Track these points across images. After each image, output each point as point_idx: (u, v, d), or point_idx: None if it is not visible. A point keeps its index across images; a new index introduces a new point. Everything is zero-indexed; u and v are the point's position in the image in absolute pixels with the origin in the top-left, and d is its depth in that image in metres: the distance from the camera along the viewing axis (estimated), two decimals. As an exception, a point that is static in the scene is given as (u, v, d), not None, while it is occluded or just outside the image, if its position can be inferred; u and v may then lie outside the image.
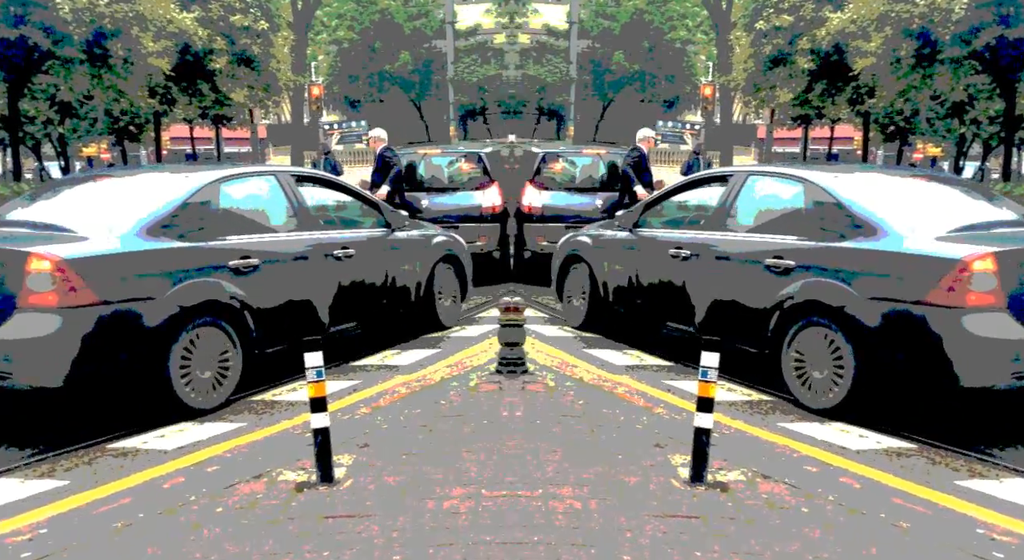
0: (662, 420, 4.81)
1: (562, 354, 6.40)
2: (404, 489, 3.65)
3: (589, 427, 4.62)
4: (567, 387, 5.43)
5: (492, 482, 3.75)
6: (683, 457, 4.04)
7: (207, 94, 20.39)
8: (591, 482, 3.80)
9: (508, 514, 3.41)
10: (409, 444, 4.26)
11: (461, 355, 6.31)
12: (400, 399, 5.13)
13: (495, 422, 4.63)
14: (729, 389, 5.49)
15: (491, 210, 9.87)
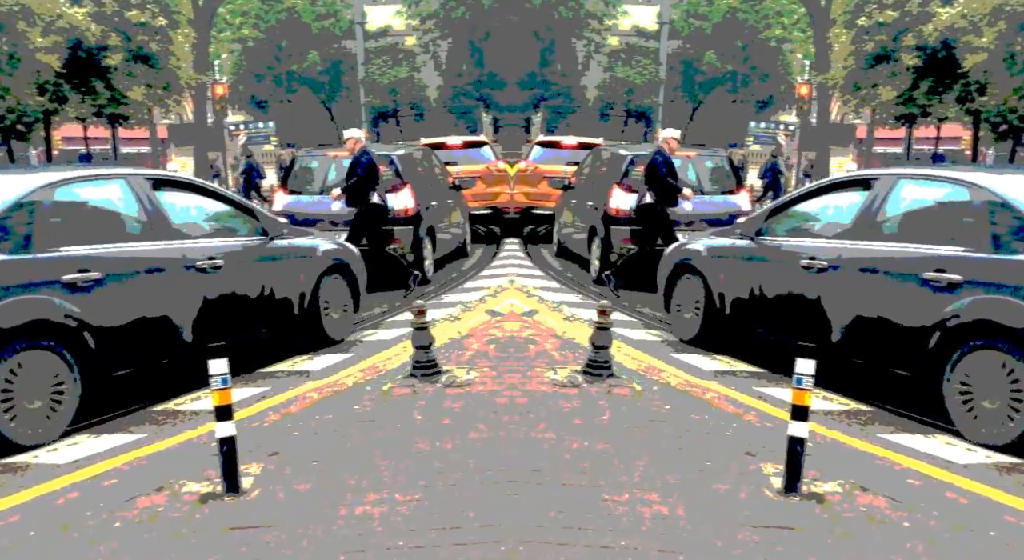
0: (753, 427, 4.69)
1: (648, 358, 6.32)
2: (315, 497, 3.59)
3: (677, 432, 4.54)
4: (654, 392, 5.35)
5: (406, 486, 3.68)
6: (775, 466, 3.92)
7: (101, 92, 19.28)
8: (679, 488, 3.74)
9: (421, 517, 3.39)
10: (321, 451, 4.16)
11: (374, 359, 6.14)
12: (311, 405, 5.00)
13: (409, 426, 4.54)
14: (825, 398, 5.30)
15: (403, 213, 9.52)
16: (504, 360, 5.96)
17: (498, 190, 14.02)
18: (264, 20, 27.53)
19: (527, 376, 5.54)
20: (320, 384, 5.50)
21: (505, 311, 7.75)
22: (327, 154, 10.39)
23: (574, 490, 3.69)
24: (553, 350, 6.31)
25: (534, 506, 3.50)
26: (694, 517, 3.43)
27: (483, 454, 4.11)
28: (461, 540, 3.17)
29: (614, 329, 6.51)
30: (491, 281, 9.75)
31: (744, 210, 9.82)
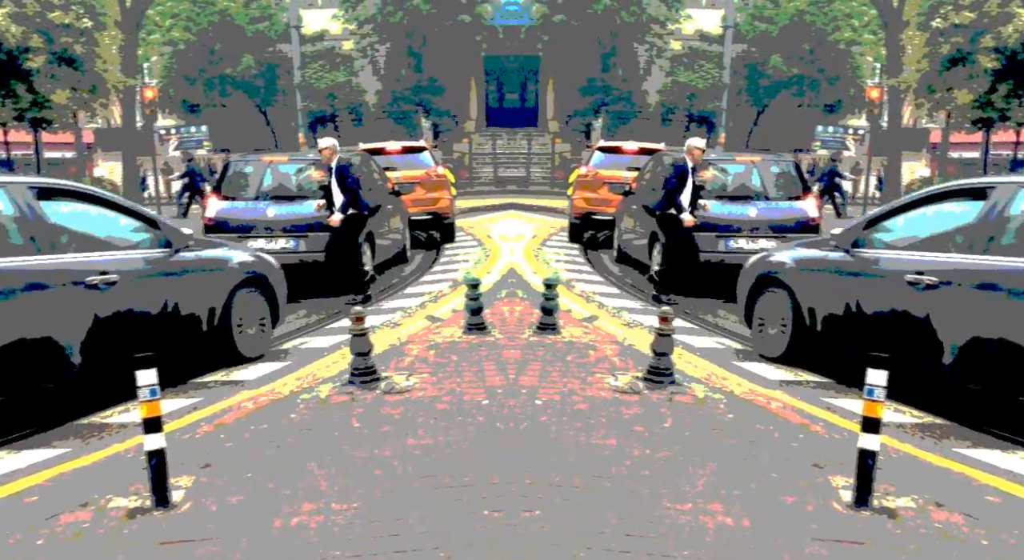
0: (821, 439, 4.56)
1: (711, 366, 6.22)
2: (249, 508, 3.53)
3: (740, 442, 4.45)
4: (717, 400, 5.26)
5: (342, 495, 3.62)
6: (845, 479, 3.81)
7: (22, 96, 18.65)
8: (743, 499, 3.66)
9: (359, 526, 3.33)
10: (255, 461, 4.08)
11: (311, 368, 6.05)
12: (246, 415, 4.89)
13: (347, 434, 4.47)
14: (897, 410, 5.13)
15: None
16: (443, 366, 5.86)
17: (437, 195, 13.79)
18: (195, 23, 26.68)
19: (587, 382, 5.51)
20: (255, 393, 5.39)
21: (446, 317, 7.66)
22: (262, 159, 10.18)
23: (635, 498, 3.66)
24: (613, 356, 6.26)
25: (596, 510, 3.48)
26: (760, 529, 3.35)
27: (422, 460, 4.05)
28: (400, 548, 3.13)
29: (676, 336, 6.45)
30: (432, 287, 9.69)
31: (811, 216, 9.58)
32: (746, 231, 9.25)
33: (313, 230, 9.22)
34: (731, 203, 9.52)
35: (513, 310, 7.79)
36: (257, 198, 9.52)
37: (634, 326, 7.49)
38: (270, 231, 9.17)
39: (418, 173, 13.70)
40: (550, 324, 6.88)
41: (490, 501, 3.56)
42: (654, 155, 12.36)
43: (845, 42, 27.40)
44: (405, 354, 6.25)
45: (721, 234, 9.30)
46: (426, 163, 14.07)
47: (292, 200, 9.47)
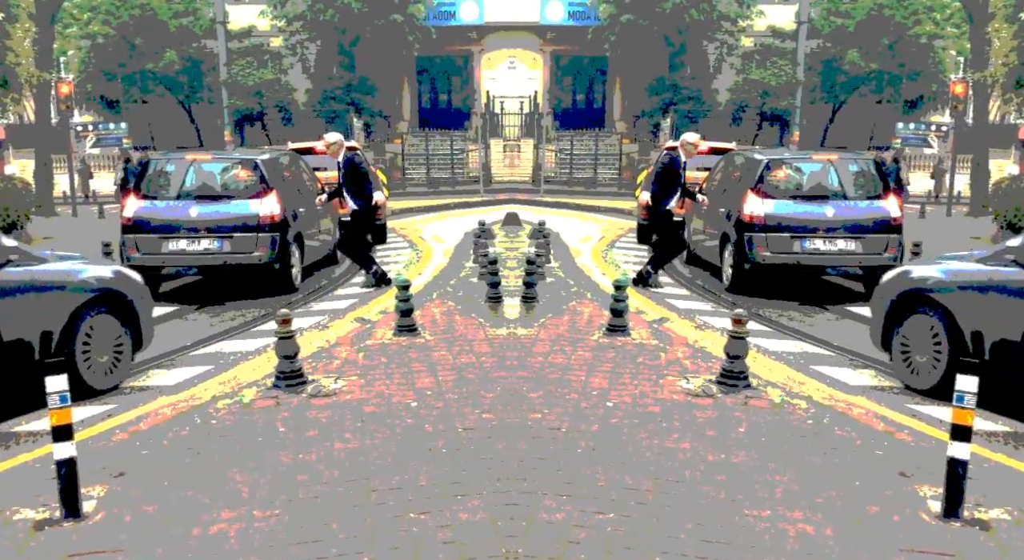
0: (906, 447, 4.39)
1: (788, 370, 6.06)
2: (165, 517, 3.43)
3: (821, 449, 4.32)
4: (794, 405, 5.12)
5: (265, 502, 3.54)
6: (932, 489, 3.66)
7: None
8: (825, 507, 3.55)
9: (281, 533, 3.25)
10: (173, 469, 3.98)
11: (235, 371, 5.90)
12: (164, 421, 4.76)
13: (271, 439, 4.37)
14: (986, 418, 4.90)
15: (269, 219, 9.08)
16: (373, 368, 5.75)
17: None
18: (115, 16, 25.48)
19: (659, 384, 5.43)
20: (173, 399, 5.24)
21: (376, 318, 7.49)
22: (185, 157, 9.79)
23: (711, 503, 3.58)
24: (685, 358, 6.17)
25: (670, 514, 3.43)
26: (843, 539, 3.25)
27: (349, 464, 3.97)
28: (323, 554, 3.08)
29: (751, 339, 6.31)
30: (362, 288, 9.45)
31: (893, 216, 9.22)
32: (822, 231, 8.96)
33: (239, 231, 9.00)
34: (806, 203, 9.23)
35: (582, 311, 7.75)
36: (179, 197, 9.21)
37: (705, 328, 7.36)
38: (194, 232, 8.93)
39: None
40: (620, 326, 6.82)
41: (417, 504, 3.51)
42: (725, 155, 12.11)
43: (927, 36, 26.34)
44: (333, 357, 6.12)
45: (796, 235, 9.01)
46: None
47: (217, 200, 9.19)
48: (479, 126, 26.65)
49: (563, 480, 3.79)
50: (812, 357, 6.53)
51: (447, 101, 31.49)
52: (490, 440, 4.29)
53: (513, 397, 5.04)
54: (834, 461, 4.14)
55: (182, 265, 9.26)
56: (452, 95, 31.47)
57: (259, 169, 9.38)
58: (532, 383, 5.35)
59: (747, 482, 3.82)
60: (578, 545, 3.17)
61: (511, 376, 5.49)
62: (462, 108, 30.99)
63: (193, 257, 9.04)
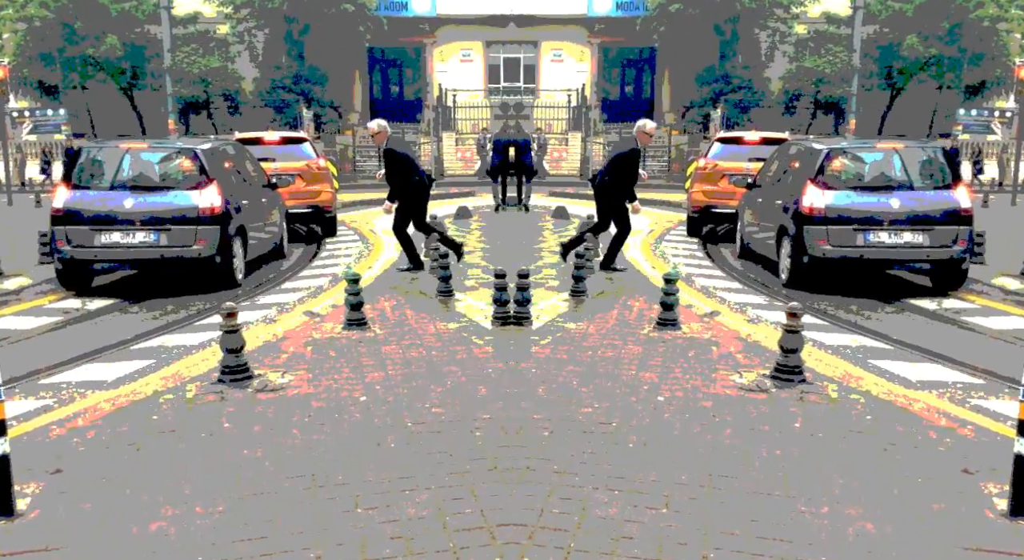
0: (970, 443, 4.26)
1: (845, 364, 5.92)
2: (103, 515, 3.35)
3: (880, 444, 4.22)
4: (852, 400, 5.00)
5: (208, 498, 3.47)
6: (998, 486, 3.54)
7: None
8: (885, 504, 3.47)
9: (225, 530, 3.17)
10: (112, 466, 3.89)
11: (178, 366, 5.75)
12: (103, 417, 4.63)
13: (215, 435, 4.29)
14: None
15: (209, 211, 8.58)
16: (321, 363, 5.66)
17: (319, 188, 13.16)
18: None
19: (711, 378, 5.36)
20: (113, 394, 5.10)
21: (325, 312, 7.36)
22: (120, 145, 9.34)
23: (766, 499, 3.53)
24: (737, 352, 6.07)
25: (724, 510, 3.38)
26: (905, 537, 3.16)
27: (295, 460, 3.92)
28: (268, 550, 3.04)
29: (806, 333, 6.18)
30: (310, 282, 9.30)
31: (963, 206, 8.74)
32: (887, 223, 8.51)
33: (177, 223, 8.49)
34: (870, 193, 8.71)
35: (631, 305, 7.69)
36: (113, 187, 8.70)
37: (759, 322, 7.23)
38: (128, 224, 8.44)
39: (298, 165, 13.16)
40: (670, 320, 6.75)
41: (364, 499, 3.48)
42: (780, 145, 11.83)
43: (989, 19, 25.41)
44: (281, 351, 6.02)
45: (859, 227, 8.55)
46: (307, 154, 13.56)
47: (154, 190, 8.71)
48: (431, 119, 26.16)
49: (614, 475, 3.77)
50: (871, 351, 6.37)
51: (399, 93, 31.21)
52: (439, 435, 4.26)
53: (563, 391, 5.03)
54: (894, 457, 4.03)
55: (115, 259, 8.68)
56: (404, 87, 31.20)
57: (199, 159, 8.88)
58: (581, 377, 5.33)
59: (803, 478, 3.74)
60: (631, 540, 3.15)
61: (560, 371, 5.48)
62: (415, 100, 30.64)
63: (127, 251, 8.52)
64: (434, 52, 30.77)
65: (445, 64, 30.84)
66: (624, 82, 31.46)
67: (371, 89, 30.88)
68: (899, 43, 25.74)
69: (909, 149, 9.35)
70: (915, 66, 25.85)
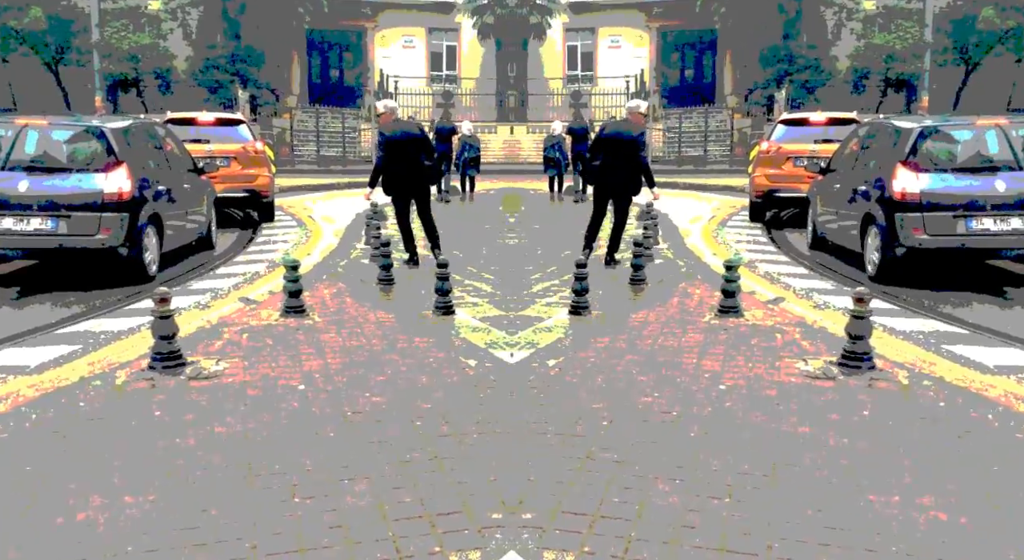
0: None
1: (917, 350, 5.72)
2: (26, 505, 3.25)
3: (954, 432, 4.07)
4: (924, 386, 4.83)
5: (138, 487, 3.38)
6: (1083, 476, 3.38)
7: None
8: (960, 494, 3.35)
9: (156, 519, 3.09)
10: (36, 454, 3.78)
11: (106, 351, 5.57)
12: (26, 403, 4.49)
13: (146, 423, 4.17)
14: None
15: (116, 197, 7.81)
16: (258, 350, 5.52)
17: (256, 172, 12.68)
18: None
19: (775, 366, 5.25)
20: (36, 380, 4.95)
21: (262, 299, 7.22)
22: (15, 121, 8.71)
23: (833, 488, 3.44)
24: (802, 339, 5.93)
25: (789, 500, 3.32)
26: (980, 528, 3.05)
27: (229, 449, 3.83)
28: (202, 540, 2.97)
29: (877, 318, 6.01)
30: (246, 267, 9.10)
31: None
32: (991, 208, 7.77)
33: (78, 209, 7.75)
34: (970, 176, 7.96)
35: (692, 293, 7.59)
36: (6, 168, 7.96)
37: (825, 308, 7.05)
38: (22, 209, 7.69)
39: (234, 147, 12.73)
40: (732, 307, 6.63)
41: (301, 489, 3.41)
42: (851, 125, 11.36)
43: (1073, -15, 24.07)
44: (215, 338, 5.89)
45: (960, 213, 7.80)
46: (243, 137, 13.02)
47: (54, 172, 7.92)
48: (371, 105, 25.33)
49: (674, 464, 3.73)
50: (944, 336, 6.15)
51: (339, 77, 30.46)
52: (379, 424, 4.19)
53: (623, 380, 4.99)
54: (969, 445, 3.89)
55: (6, 248, 7.90)
56: (344, 71, 30.46)
57: (106, 138, 8.09)
58: (641, 366, 5.28)
59: (872, 467, 3.64)
60: (693, 529, 3.12)
61: (620, 361, 5.44)
62: (355, 85, 29.97)
63: (20, 239, 7.77)
64: (375, 37, 30.16)
65: (387, 50, 30.25)
66: (684, 66, 30.89)
67: (310, 72, 30.32)
68: (974, 16, 24.60)
69: (1014, 125, 8.56)
70: (992, 39, 24.68)
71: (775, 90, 25.19)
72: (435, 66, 30.78)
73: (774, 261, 9.83)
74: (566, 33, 30.40)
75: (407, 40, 30.53)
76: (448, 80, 29.98)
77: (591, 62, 30.92)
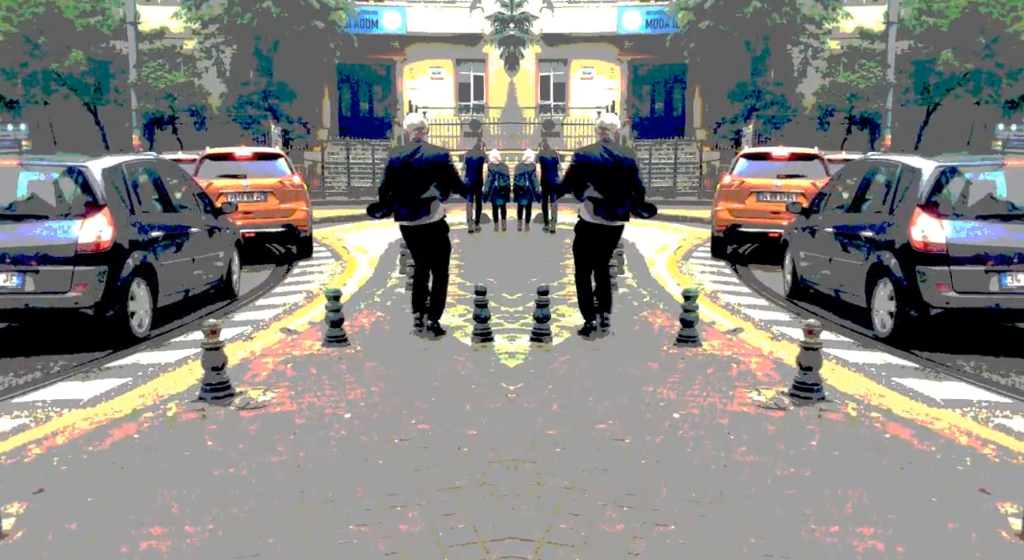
0: (989, 463, 4.18)
1: (867, 382, 5.85)
2: (91, 535, 3.32)
3: (897, 463, 4.17)
4: (872, 418, 4.94)
5: (196, 517, 3.46)
6: (1015, 506, 3.48)
7: None
8: (898, 524, 3.43)
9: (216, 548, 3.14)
10: (95, 485, 3.84)
11: (155, 384, 5.69)
12: (82, 436, 4.59)
13: (199, 453, 4.27)
14: (1084, 434, 4.61)
15: (92, 247, 6.73)
16: (302, 379, 5.65)
17: (292, 206, 12.55)
18: (17, 14, 24.04)
19: (728, 396, 5.34)
20: (90, 413, 5.04)
21: (303, 329, 7.31)
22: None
23: (777, 517, 3.51)
24: (758, 370, 6.04)
25: (733, 528, 3.37)
26: (915, 556, 3.12)
27: (282, 477, 3.91)
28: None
29: (831, 350, 6.14)
30: (284, 298, 9.25)
31: None
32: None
33: (48, 263, 6.64)
34: (1001, 224, 6.86)
35: (653, 322, 7.68)
36: None
37: (782, 339, 7.18)
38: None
39: (271, 182, 12.57)
40: (690, 336, 6.73)
41: (355, 516, 3.46)
42: (850, 163, 10.13)
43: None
44: (260, 368, 6.01)
45: (992, 268, 6.70)
46: (281, 171, 12.88)
47: (22, 220, 6.84)
48: (400, 136, 26.12)
49: (624, 491, 3.78)
50: (895, 369, 6.29)
51: (368, 110, 30.99)
52: (426, 451, 4.27)
53: (578, 407, 5.04)
54: (911, 476, 3.98)
55: None
56: (374, 104, 31.00)
57: (86, 180, 7.00)
58: (598, 393, 5.34)
59: (816, 497, 3.72)
60: (636, 557, 3.16)
61: (573, 387, 5.50)
62: (384, 117, 30.50)
63: None
64: (404, 69, 30.75)
65: (415, 81, 30.80)
66: (654, 99, 31.44)
67: (340, 106, 30.85)
68: (934, 59, 25.42)
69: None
70: (951, 81, 25.49)
71: (743, 124, 25.73)
72: (463, 96, 31.17)
73: (736, 292, 9.98)
74: (539, 63, 30.80)
75: (435, 71, 31.01)
76: (476, 109, 30.42)
77: (563, 93, 31.34)
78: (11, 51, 24.52)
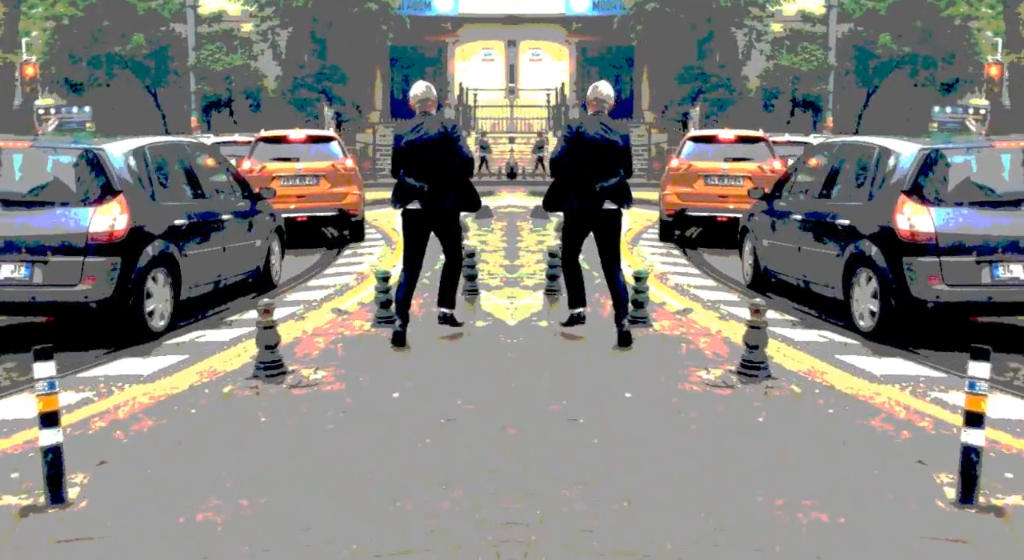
0: (926, 435, 4.38)
1: (811, 360, 6.04)
2: (150, 505, 3.44)
3: (839, 437, 4.33)
4: (815, 394, 5.12)
5: (250, 489, 3.56)
6: (949, 476, 3.65)
7: None
8: (840, 495, 3.57)
9: (268, 521, 3.24)
10: (154, 457, 4.00)
11: (211, 361, 5.82)
12: (142, 410, 4.75)
13: (252, 428, 4.39)
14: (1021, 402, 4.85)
15: (105, 237, 6.26)
16: (352, 359, 5.76)
17: (345, 190, 12.39)
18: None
19: (678, 375, 5.46)
20: (151, 388, 5.19)
21: (353, 310, 7.45)
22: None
23: (725, 492, 3.62)
24: (706, 349, 6.18)
25: (684, 503, 3.47)
26: (856, 526, 3.27)
27: (332, 453, 4.01)
28: (311, 541, 3.10)
29: (776, 329, 6.30)
30: (335, 279, 9.38)
31: None
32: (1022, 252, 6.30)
33: (57, 253, 6.21)
34: (993, 211, 6.47)
35: (604, 303, 7.77)
36: None
37: (729, 319, 7.35)
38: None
39: (323, 165, 12.39)
40: (641, 317, 6.84)
41: (402, 493, 3.53)
42: (816, 145, 9.93)
43: (960, 17, 25.79)
44: (312, 347, 6.13)
45: (984, 258, 6.30)
46: (334, 154, 12.71)
47: (32, 206, 6.44)
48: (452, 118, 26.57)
49: (578, 470, 3.85)
50: (838, 347, 6.50)
51: None
52: (472, 430, 4.34)
53: (531, 388, 5.10)
54: (852, 450, 4.14)
55: None
56: None
57: (101, 164, 6.52)
58: (549, 375, 5.41)
59: (762, 472, 3.84)
60: (591, 533, 3.23)
61: (522, 369, 5.56)
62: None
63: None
64: (456, 51, 30.86)
65: (466, 63, 30.90)
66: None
67: (392, 87, 30.81)
68: (873, 42, 26.07)
69: None
70: (889, 65, 26.19)
71: (690, 106, 26.05)
72: (512, 78, 30.97)
73: (685, 273, 10.15)
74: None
75: (487, 54, 30.94)
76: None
77: (513, 74, 31.27)
78: (76, 35, 25.35)
